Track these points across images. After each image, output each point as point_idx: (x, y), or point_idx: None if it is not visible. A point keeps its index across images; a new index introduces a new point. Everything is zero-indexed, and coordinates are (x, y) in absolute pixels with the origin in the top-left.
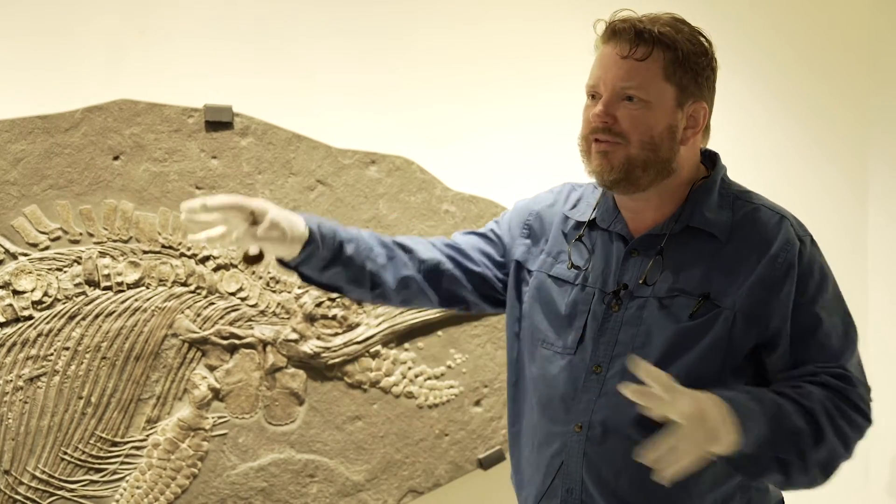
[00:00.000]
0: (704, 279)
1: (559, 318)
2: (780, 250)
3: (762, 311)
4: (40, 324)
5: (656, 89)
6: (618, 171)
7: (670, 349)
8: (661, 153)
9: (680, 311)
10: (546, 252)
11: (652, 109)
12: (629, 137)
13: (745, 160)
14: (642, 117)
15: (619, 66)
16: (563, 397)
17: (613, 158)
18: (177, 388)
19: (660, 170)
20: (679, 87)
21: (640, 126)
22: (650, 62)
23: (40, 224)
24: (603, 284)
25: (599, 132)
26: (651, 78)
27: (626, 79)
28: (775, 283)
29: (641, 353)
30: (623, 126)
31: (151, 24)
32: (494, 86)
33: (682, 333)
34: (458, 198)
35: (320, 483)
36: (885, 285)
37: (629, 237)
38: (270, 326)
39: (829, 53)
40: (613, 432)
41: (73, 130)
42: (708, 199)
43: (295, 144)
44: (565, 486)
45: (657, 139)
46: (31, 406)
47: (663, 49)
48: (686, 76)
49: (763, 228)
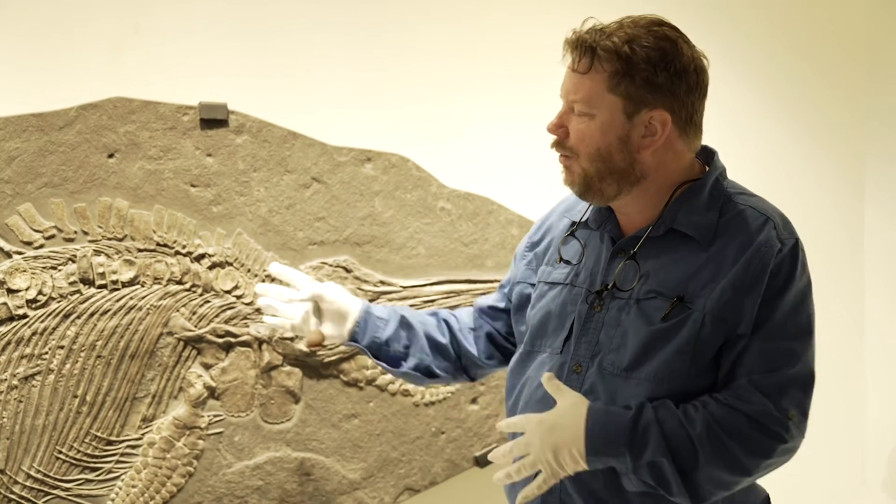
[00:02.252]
0: (682, 282)
1: (552, 320)
2: (755, 253)
3: (731, 314)
4: (35, 322)
5: (599, 101)
6: (579, 184)
7: (642, 351)
8: (615, 164)
9: (654, 313)
10: (545, 262)
11: (595, 122)
12: (577, 151)
13: (742, 158)
14: (586, 130)
15: (570, 78)
16: (547, 397)
17: (572, 172)
18: (172, 387)
19: (620, 179)
20: (626, 98)
21: (585, 139)
22: (593, 74)
23: (34, 222)
24: (590, 284)
25: (555, 146)
26: (594, 90)
27: (572, 92)
28: (747, 286)
29: (617, 354)
30: (571, 140)
31: (146, 21)
32: (490, 83)
33: (653, 335)
34: (453, 195)
35: (316, 481)
36: (883, 283)
37: (617, 237)
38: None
39: (827, 51)
40: None
41: (68, 128)
42: (694, 201)
43: (290, 142)
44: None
45: (604, 151)
46: (26, 405)
47: (605, 61)
48: (633, 86)
49: (745, 231)
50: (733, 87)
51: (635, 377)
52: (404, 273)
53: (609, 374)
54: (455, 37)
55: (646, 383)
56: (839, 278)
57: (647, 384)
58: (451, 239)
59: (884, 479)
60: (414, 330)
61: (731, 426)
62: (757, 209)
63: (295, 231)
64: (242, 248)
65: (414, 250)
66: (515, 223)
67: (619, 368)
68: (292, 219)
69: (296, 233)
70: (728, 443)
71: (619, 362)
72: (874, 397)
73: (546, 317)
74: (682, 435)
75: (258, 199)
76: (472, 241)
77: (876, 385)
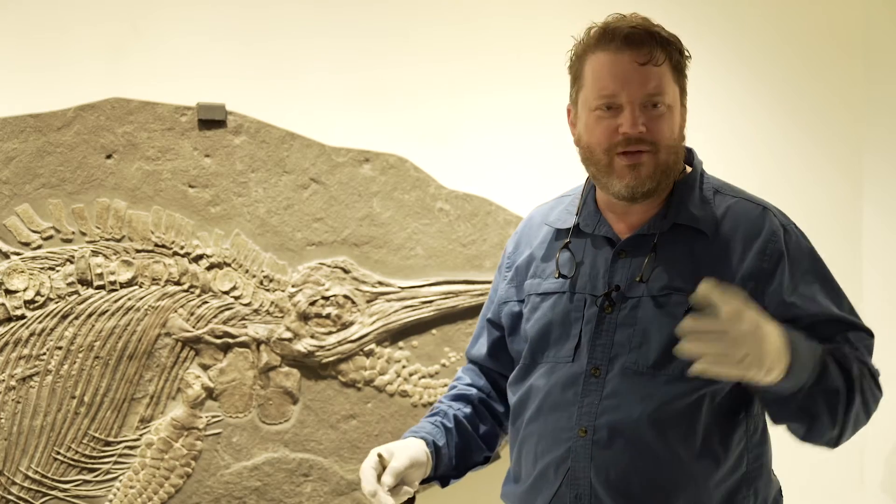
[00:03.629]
0: (695, 275)
1: (554, 330)
2: (766, 242)
3: (756, 303)
4: (33, 323)
5: (672, 92)
6: (651, 180)
7: (670, 346)
8: (680, 155)
9: (676, 309)
10: (531, 275)
11: (672, 113)
12: (659, 144)
13: (739, 156)
14: (667, 122)
15: (640, 72)
16: (564, 404)
17: (646, 169)
18: (170, 388)
19: (676, 172)
20: (681, 88)
21: (667, 131)
22: (665, 66)
23: (32, 223)
24: (592, 289)
25: (633, 143)
26: (668, 82)
27: (650, 85)
28: (766, 274)
29: (640, 352)
30: (654, 134)
31: (144, 22)
32: (488, 83)
33: None
34: (451, 196)
35: (314, 482)
36: (880, 281)
37: (616, 239)
38: (264, 325)
39: (824, 49)
40: (620, 434)
41: (66, 129)
42: (691, 196)
43: (288, 143)
44: (573, 493)
45: (677, 142)
46: (24, 406)
47: (670, 51)
48: (682, 75)
49: (747, 221)
50: (730, 86)
51: (664, 374)
52: (402, 274)
53: (634, 374)
54: (453, 38)
55: (676, 378)
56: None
57: (677, 379)
58: (450, 239)
59: (882, 480)
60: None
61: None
62: (751, 200)
63: (293, 232)
64: (240, 249)
65: (412, 251)
66: (514, 224)
67: (644, 366)
68: (290, 219)
69: (294, 233)
70: (867, 385)
71: (645, 360)
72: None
73: (547, 327)
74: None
75: (256, 200)
76: (470, 241)
77: None
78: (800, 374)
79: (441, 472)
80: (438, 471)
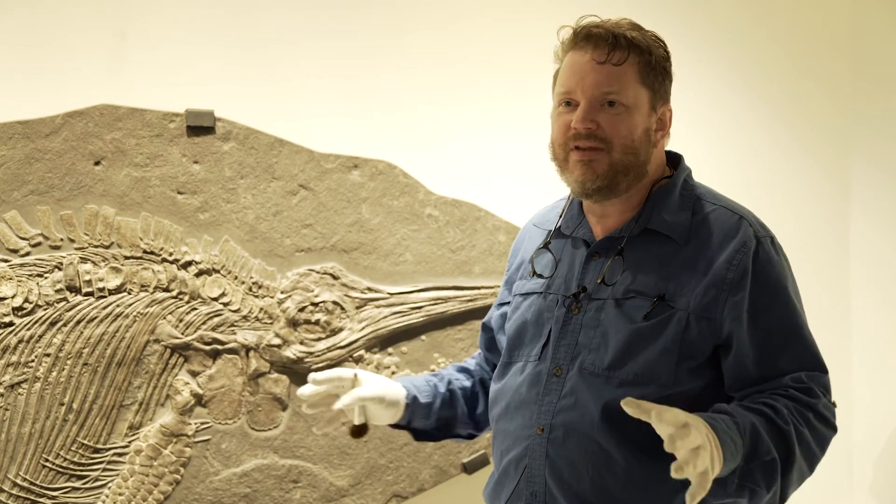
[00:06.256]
0: (661, 281)
1: (528, 329)
2: (735, 252)
3: (714, 313)
4: (21, 330)
5: (633, 93)
6: (602, 178)
7: (625, 349)
8: (640, 157)
9: (635, 312)
10: (520, 276)
11: (631, 114)
12: (612, 143)
13: (727, 160)
14: (624, 122)
15: (598, 71)
16: (528, 402)
17: (597, 166)
18: (159, 394)
19: (637, 174)
20: (652, 91)
21: (622, 131)
22: (627, 66)
23: (21, 230)
24: (566, 289)
25: (582, 138)
26: (629, 82)
27: (605, 84)
28: (728, 285)
29: (598, 353)
30: (606, 132)
31: (133, 28)
32: (476, 89)
33: (636, 334)
34: (440, 202)
35: (304, 488)
36: (869, 285)
37: (592, 241)
38: (253, 331)
39: (811, 51)
40: (573, 433)
41: (54, 135)
42: (667, 201)
43: (277, 149)
44: (529, 489)
45: (637, 143)
46: (12, 413)
47: (638, 53)
48: (656, 80)
49: (721, 229)
50: (717, 89)
51: (617, 376)
52: (392, 280)
53: (590, 374)
54: (442, 44)
55: (629, 383)
56: (825, 281)
57: (630, 383)
58: (439, 245)
59: (871, 485)
60: (455, 403)
61: (806, 420)
62: (729, 209)
63: (282, 238)
64: (229, 256)
65: (401, 257)
66: (503, 229)
67: (599, 368)
68: (279, 226)
69: (283, 240)
70: (809, 437)
71: (600, 361)
72: (861, 402)
73: (522, 326)
74: (781, 431)
75: (245, 207)
76: (459, 247)
77: (862, 389)
78: (734, 457)
79: (416, 426)
80: (413, 423)
